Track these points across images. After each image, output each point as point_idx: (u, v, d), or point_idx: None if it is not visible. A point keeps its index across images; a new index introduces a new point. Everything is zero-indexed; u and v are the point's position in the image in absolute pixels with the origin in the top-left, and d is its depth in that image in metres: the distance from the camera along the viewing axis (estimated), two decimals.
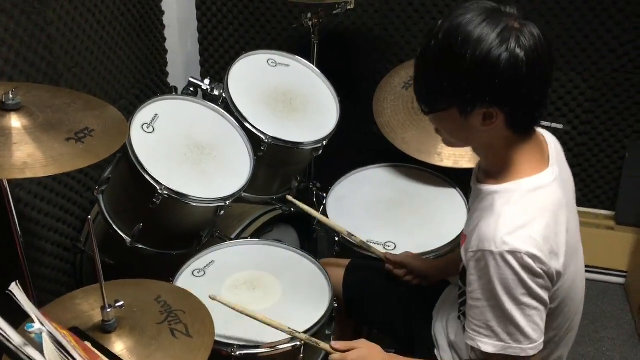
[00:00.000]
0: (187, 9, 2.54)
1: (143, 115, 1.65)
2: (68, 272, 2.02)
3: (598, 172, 2.56)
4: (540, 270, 1.08)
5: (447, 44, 1.08)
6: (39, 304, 1.55)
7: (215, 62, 2.66)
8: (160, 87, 2.49)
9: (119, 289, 1.18)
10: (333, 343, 1.35)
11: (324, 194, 2.23)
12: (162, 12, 2.42)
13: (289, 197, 1.71)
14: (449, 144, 1.23)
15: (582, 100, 2.44)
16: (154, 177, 1.54)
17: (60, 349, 0.72)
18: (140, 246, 1.68)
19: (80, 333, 0.97)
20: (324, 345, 1.36)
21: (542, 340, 1.13)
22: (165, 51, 2.50)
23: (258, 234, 1.94)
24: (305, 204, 2.31)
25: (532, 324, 1.10)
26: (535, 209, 1.11)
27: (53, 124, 1.24)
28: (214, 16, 2.56)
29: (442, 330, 1.41)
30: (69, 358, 0.71)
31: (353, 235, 1.71)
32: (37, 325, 0.71)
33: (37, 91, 1.34)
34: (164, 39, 2.47)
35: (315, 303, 1.52)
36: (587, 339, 2.29)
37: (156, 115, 1.66)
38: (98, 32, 2.00)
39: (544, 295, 1.11)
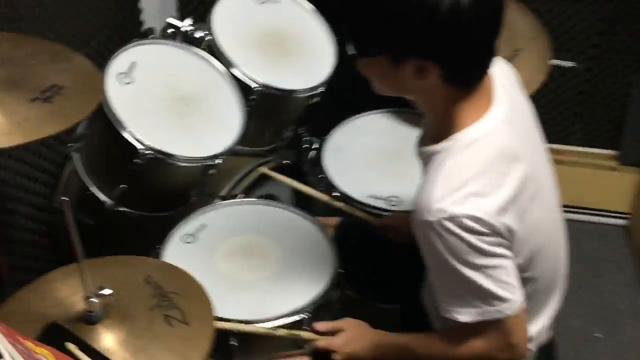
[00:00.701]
0: None
1: (119, 63, 1.45)
2: (43, 233, 1.87)
3: (601, 109, 2.44)
4: (486, 230, 0.99)
5: None
6: (14, 279, 1.42)
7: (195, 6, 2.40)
8: (134, 27, 2.25)
9: (102, 270, 1.04)
10: (315, 325, 1.26)
11: (314, 139, 2.07)
12: None
13: (265, 170, 1.61)
14: (381, 90, 1.10)
15: (589, 34, 2.29)
16: (135, 135, 1.37)
17: None
18: (121, 209, 1.52)
19: (60, 332, 0.83)
20: (305, 334, 1.26)
21: (518, 296, 1.05)
22: None
23: (250, 190, 1.79)
24: (295, 151, 2.18)
25: (500, 283, 1.03)
26: (473, 164, 1.01)
27: (15, 81, 1.05)
28: None
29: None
30: None
31: (335, 201, 1.61)
32: None
33: None
34: None
35: (318, 270, 1.40)
36: (586, 284, 2.21)
37: (133, 63, 1.47)
38: None
39: (501, 250, 1.02)
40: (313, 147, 2.04)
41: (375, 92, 1.10)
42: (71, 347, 0.84)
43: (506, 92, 1.09)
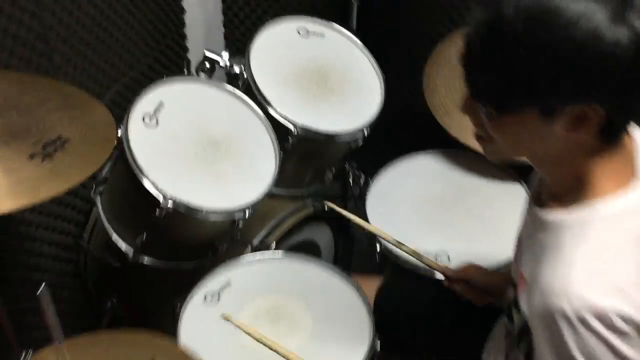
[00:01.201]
0: None
1: (145, 103, 1.34)
2: (70, 273, 1.78)
3: None
4: (631, 330, 0.78)
5: (530, 18, 0.76)
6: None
7: (242, 35, 2.27)
8: (179, 56, 2.15)
9: (104, 348, 0.91)
10: None
11: (362, 174, 1.91)
12: None
13: (329, 204, 1.44)
14: (494, 155, 0.92)
15: None
16: (157, 185, 1.25)
17: None
18: (143, 261, 1.41)
19: None
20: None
21: None
22: (183, 11, 2.15)
23: (287, 236, 1.65)
24: (340, 187, 2.03)
25: None
26: (620, 243, 0.80)
27: (16, 132, 0.95)
28: None
29: None
30: None
31: (402, 243, 1.41)
32: None
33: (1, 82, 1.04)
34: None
35: (354, 340, 1.24)
36: None
37: (161, 103, 1.36)
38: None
39: (636, 356, 0.80)
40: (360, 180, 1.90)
41: (487, 155, 0.93)
42: None
43: None
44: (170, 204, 1.24)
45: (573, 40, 0.74)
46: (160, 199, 1.24)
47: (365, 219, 1.59)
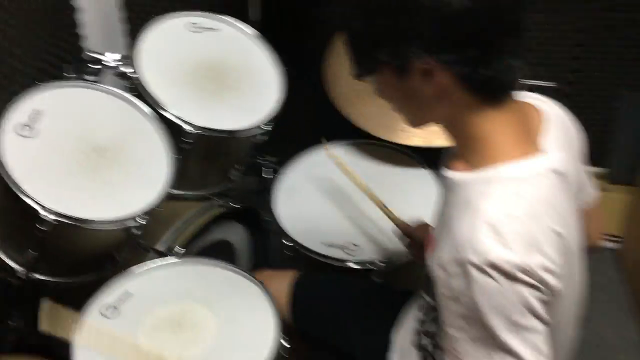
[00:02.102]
0: None
1: (18, 114, 1.25)
2: None
3: (589, 126, 2.26)
4: (537, 282, 0.80)
5: None
6: None
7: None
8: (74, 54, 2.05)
9: None
10: None
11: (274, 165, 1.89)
12: None
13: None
14: (410, 121, 0.98)
15: (569, 46, 2.12)
16: (33, 197, 1.17)
17: None
18: (37, 277, 1.33)
19: None
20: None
21: None
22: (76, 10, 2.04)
23: (195, 240, 1.60)
24: (258, 182, 1.99)
25: (535, 352, 0.82)
26: (525, 203, 0.83)
27: None
28: None
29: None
30: None
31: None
32: None
33: None
34: None
35: (259, 343, 1.21)
36: None
37: (37, 112, 1.28)
38: None
39: (545, 313, 0.83)
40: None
41: (407, 124, 1.00)
42: None
43: (562, 147, 0.94)
44: (51, 217, 1.17)
45: None
46: (41, 212, 1.17)
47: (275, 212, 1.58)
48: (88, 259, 1.38)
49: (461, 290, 0.82)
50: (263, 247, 1.87)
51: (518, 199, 0.83)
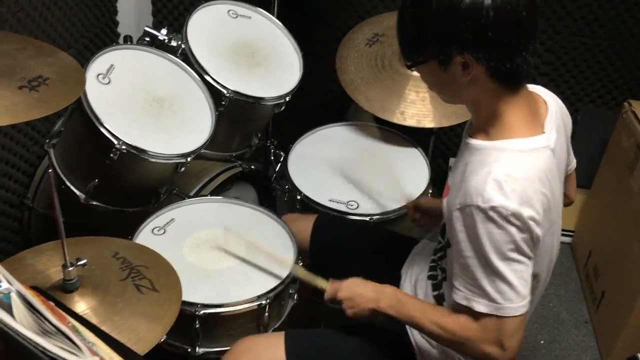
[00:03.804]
0: None
1: (98, 65, 1.55)
2: (15, 230, 1.93)
3: None
4: (525, 230, 1.08)
5: None
6: None
7: (169, 13, 2.55)
8: (110, 37, 2.36)
9: (73, 248, 1.11)
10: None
11: (282, 152, 2.18)
12: None
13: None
14: (445, 100, 1.23)
15: (538, 63, 2.47)
16: (111, 131, 1.46)
17: (32, 310, 0.67)
18: (95, 203, 1.60)
19: (42, 293, 0.91)
20: (320, 282, 1.38)
21: (530, 297, 1.12)
22: None
23: (217, 192, 1.89)
24: (262, 161, 2.28)
25: (522, 280, 1.10)
26: (525, 169, 1.10)
27: (3, 70, 1.14)
28: None
29: (410, 290, 1.42)
30: (42, 320, 0.66)
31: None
32: (4, 285, 0.65)
33: None
34: None
35: (278, 262, 1.49)
36: None
37: (112, 65, 1.57)
38: None
39: (529, 251, 1.11)
40: (280, 158, 2.16)
41: (443, 100, 1.23)
42: (52, 304, 0.91)
43: (558, 129, 1.19)
44: (123, 147, 1.46)
45: (450, 6, 1.04)
46: (115, 142, 1.45)
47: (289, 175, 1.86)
48: (138, 192, 1.66)
49: (468, 228, 1.10)
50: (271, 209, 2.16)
51: (520, 165, 1.11)
